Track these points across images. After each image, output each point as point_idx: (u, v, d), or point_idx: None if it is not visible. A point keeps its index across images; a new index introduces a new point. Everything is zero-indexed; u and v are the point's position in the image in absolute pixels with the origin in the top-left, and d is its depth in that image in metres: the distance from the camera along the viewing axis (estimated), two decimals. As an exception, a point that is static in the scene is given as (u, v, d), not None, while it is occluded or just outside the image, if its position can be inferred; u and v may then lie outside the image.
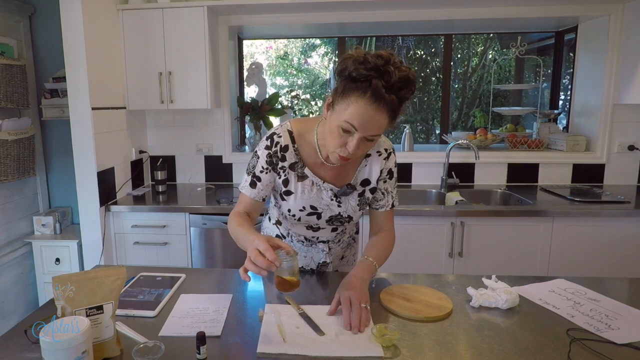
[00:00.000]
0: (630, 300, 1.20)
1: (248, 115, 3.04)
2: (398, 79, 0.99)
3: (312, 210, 1.28)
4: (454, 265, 2.36)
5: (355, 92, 1.01)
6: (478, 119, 3.58)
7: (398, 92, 1.00)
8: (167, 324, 1.08)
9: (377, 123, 1.02)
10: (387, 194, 1.31)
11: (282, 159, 1.24)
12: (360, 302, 1.06)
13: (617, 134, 2.80)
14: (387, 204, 1.32)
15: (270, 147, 1.23)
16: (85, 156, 2.36)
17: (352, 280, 1.14)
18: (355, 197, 1.28)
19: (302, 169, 1.25)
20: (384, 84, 0.99)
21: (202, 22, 2.54)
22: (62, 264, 2.70)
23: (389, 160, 1.29)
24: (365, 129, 1.03)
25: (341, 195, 1.26)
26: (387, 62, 0.99)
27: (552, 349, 0.97)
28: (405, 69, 1.01)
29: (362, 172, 1.28)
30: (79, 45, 2.26)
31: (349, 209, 1.29)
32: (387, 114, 1.02)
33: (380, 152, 1.28)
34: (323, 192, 1.26)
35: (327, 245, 1.39)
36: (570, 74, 3.08)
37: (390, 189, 1.31)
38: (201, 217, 2.44)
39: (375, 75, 0.99)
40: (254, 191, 1.26)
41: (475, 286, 1.23)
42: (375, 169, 1.27)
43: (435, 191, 2.80)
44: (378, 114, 1.01)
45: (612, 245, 2.29)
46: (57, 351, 0.82)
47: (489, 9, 2.69)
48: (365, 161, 1.27)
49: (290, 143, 1.24)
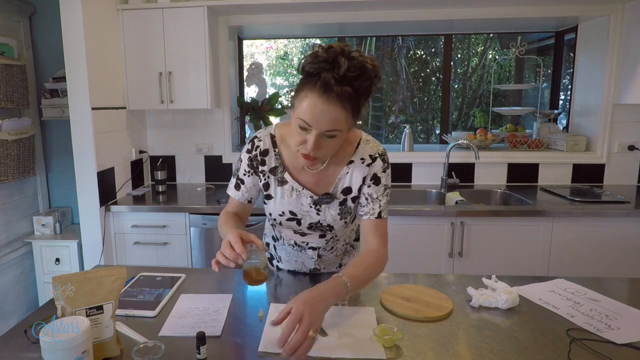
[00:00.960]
0: (630, 300, 1.20)
1: (248, 115, 3.04)
2: (348, 69, 0.94)
3: (292, 215, 1.25)
4: (454, 265, 2.36)
5: (306, 86, 0.99)
6: (478, 119, 3.58)
7: (352, 82, 0.96)
8: (167, 324, 1.08)
9: (330, 117, 0.97)
10: (371, 200, 1.19)
11: (262, 163, 1.23)
12: (310, 327, 0.87)
13: (617, 134, 2.80)
14: (372, 211, 1.18)
15: (250, 150, 1.23)
16: (85, 156, 2.36)
17: (312, 296, 0.93)
18: (335, 205, 1.22)
19: (282, 174, 1.22)
20: (334, 76, 0.95)
21: (202, 22, 2.54)
22: (62, 264, 2.70)
23: (373, 167, 1.19)
24: (318, 123, 0.98)
25: (319, 203, 1.22)
26: (339, 54, 0.95)
27: (552, 349, 0.97)
28: (361, 57, 0.97)
29: (343, 180, 1.21)
30: (79, 45, 2.26)
31: (328, 218, 1.23)
32: (341, 107, 0.97)
33: (364, 159, 1.19)
34: (302, 198, 1.22)
35: (316, 253, 1.34)
36: (570, 74, 3.08)
37: (375, 195, 1.18)
38: (201, 217, 2.44)
39: (326, 68, 0.96)
40: (238, 193, 1.27)
41: (475, 286, 1.23)
42: (357, 177, 1.19)
43: (435, 191, 2.80)
44: (329, 107, 0.96)
45: (612, 245, 2.29)
46: (57, 351, 0.82)
47: (489, 9, 2.69)
48: (347, 168, 1.20)
49: (271, 147, 1.22)
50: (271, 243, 1.44)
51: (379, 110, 5.72)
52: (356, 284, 1.03)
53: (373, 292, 1.26)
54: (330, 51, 0.96)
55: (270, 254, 1.45)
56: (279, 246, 1.41)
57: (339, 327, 1.06)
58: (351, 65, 0.95)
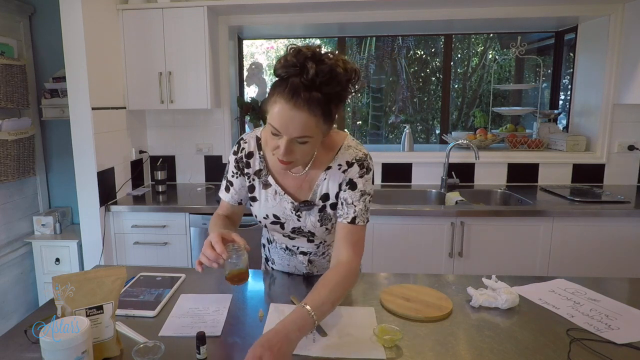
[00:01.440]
0: (630, 300, 1.20)
1: (248, 115, 3.04)
2: (316, 74, 0.91)
3: (275, 219, 1.24)
4: (454, 265, 2.36)
5: (276, 90, 0.96)
6: (478, 119, 3.58)
7: (321, 87, 0.93)
8: (167, 324, 1.08)
9: (298, 123, 0.95)
10: (345, 205, 1.14)
11: (247, 165, 1.22)
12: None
13: (617, 134, 2.80)
14: (346, 215, 1.13)
15: (237, 152, 1.23)
16: (85, 156, 2.36)
17: (271, 336, 0.88)
18: (315, 212, 1.20)
19: (266, 177, 1.21)
20: (302, 81, 0.93)
21: (202, 22, 2.54)
22: (62, 264, 2.70)
23: (349, 172, 1.14)
24: (288, 130, 0.96)
25: (298, 210, 1.20)
26: (308, 58, 0.93)
27: (552, 349, 0.97)
28: (331, 61, 0.94)
29: (321, 187, 1.18)
30: (79, 45, 2.26)
31: (308, 224, 1.21)
32: (309, 113, 0.94)
33: (341, 165, 1.15)
34: (284, 202, 1.21)
35: (306, 258, 1.33)
36: (570, 74, 3.08)
37: (350, 200, 1.14)
38: (201, 217, 2.44)
39: (294, 73, 0.94)
40: (228, 195, 1.27)
41: (475, 286, 1.23)
42: (333, 183, 1.16)
43: (435, 191, 2.80)
44: (297, 113, 0.94)
45: (612, 245, 2.29)
46: (57, 351, 0.82)
47: (489, 9, 2.69)
48: (324, 174, 1.17)
49: (256, 150, 1.21)
50: (266, 245, 1.44)
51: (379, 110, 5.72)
52: (322, 311, 0.97)
53: (373, 292, 1.26)
54: (300, 55, 0.94)
55: (266, 256, 1.45)
56: (272, 249, 1.41)
57: (339, 327, 1.06)
58: (319, 70, 0.92)
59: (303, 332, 0.92)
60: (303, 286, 1.32)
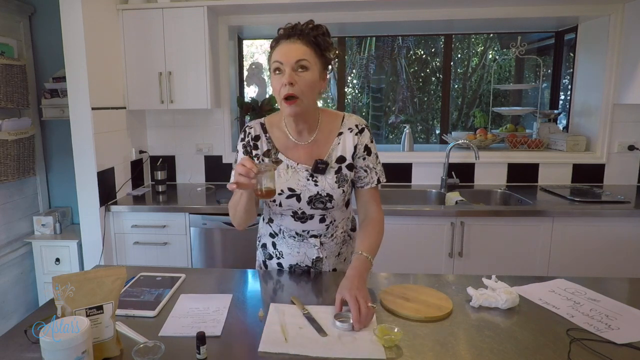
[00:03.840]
0: (630, 300, 1.20)
1: (248, 115, 3.04)
2: (304, 25, 1.19)
3: (291, 192, 1.30)
4: (454, 265, 2.36)
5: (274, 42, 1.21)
6: (478, 119, 3.58)
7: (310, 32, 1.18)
8: (167, 324, 1.08)
9: (297, 50, 1.16)
10: (370, 171, 1.33)
11: (254, 147, 1.33)
12: (367, 301, 1.08)
13: (617, 134, 2.80)
14: (372, 180, 1.34)
15: (244, 138, 1.34)
16: (85, 156, 2.36)
17: (353, 280, 1.14)
18: (332, 174, 1.30)
19: (276, 155, 1.32)
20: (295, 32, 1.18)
21: (202, 22, 2.54)
22: (62, 264, 2.70)
23: (363, 136, 1.32)
24: (288, 57, 1.16)
25: (315, 172, 1.29)
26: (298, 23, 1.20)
27: (552, 349, 0.97)
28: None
29: (335, 150, 1.31)
30: (79, 45, 2.26)
31: (326, 187, 1.30)
32: (305, 44, 1.17)
33: (352, 128, 1.31)
34: (299, 173, 1.30)
35: (318, 240, 1.38)
36: (570, 74, 3.08)
37: (372, 165, 1.33)
38: (201, 217, 2.44)
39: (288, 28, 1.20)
40: None
41: (475, 286, 1.23)
42: (349, 145, 1.31)
43: (435, 191, 2.80)
44: (294, 44, 1.17)
45: (612, 245, 2.29)
46: (57, 351, 0.82)
47: (489, 9, 2.69)
48: (337, 139, 1.31)
49: (262, 132, 1.34)
50: (269, 242, 1.45)
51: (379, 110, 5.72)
52: (374, 254, 1.26)
53: (373, 292, 1.26)
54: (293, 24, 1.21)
55: (270, 253, 1.45)
56: (279, 241, 1.41)
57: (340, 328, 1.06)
58: (306, 24, 1.20)
59: (367, 271, 1.22)
60: (303, 286, 1.32)
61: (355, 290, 1.10)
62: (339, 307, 1.11)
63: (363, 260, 1.22)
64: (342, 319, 1.06)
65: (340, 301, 1.11)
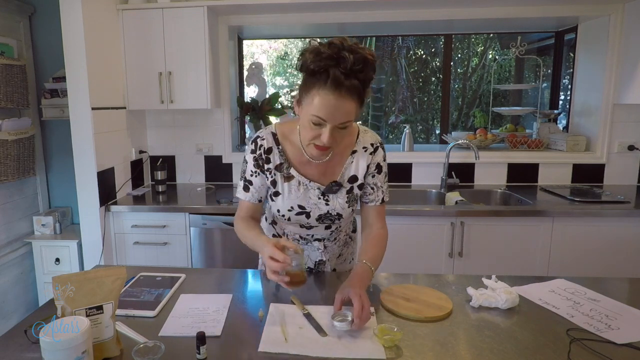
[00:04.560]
0: (630, 300, 1.20)
1: (248, 115, 3.04)
2: (354, 62, 1.00)
3: (301, 209, 1.28)
4: (454, 265, 2.36)
5: (316, 84, 1.04)
6: (478, 119, 3.58)
7: (358, 75, 1.02)
8: (167, 324, 1.08)
9: (344, 110, 1.04)
10: (376, 189, 1.30)
11: (266, 161, 1.26)
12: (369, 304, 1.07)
13: (617, 134, 2.80)
14: (377, 198, 1.31)
15: (255, 150, 1.26)
16: (85, 156, 2.36)
17: (356, 282, 1.13)
18: (343, 194, 1.28)
19: (288, 170, 1.26)
20: (342, 71, 1.00)
21: (202, 22, 2.54)
22: (62, 264, 2.69)
23: (376, 155, 1.28)
24: (334, 118, 1.05)
25: (328, 192, 1.27)
26: (341, 49, 1.00)
27: (552, 349, 0.97)
28: (361, 49, 1.01)
29: (349, 169, 1.27)
30: (79, 45, 2.26)
31: (337, 207, 1.28)
32: (352, 99, 1.04)
33: (367, 148, 1.28)
34: (310, 190, 1.27)
35: (322, 244, 1.39)
36: (570, 74, 3.08)
37: (379, 183, 1.30)
38: (201, 217, 2.44)
39: (332, 64, 1.01)
40: (248, 194, 1.30)
41: (475, 286, 1.23)
42: (362, 165, 1.28)
43: (435, 191, 2.80)
44: (342, 101, 1.02)
45: (612, 245, 2.29)
46: (57, 351, 0.82)
47: (489, 9, 2.69)
48: (351, 157, 1.27)
49: (274, 145, 1.26)
50: None
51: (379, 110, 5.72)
52: (376, 265, 1.24)
53: (373, 292, 1.26)
54: (333, 47, 1.01)
55: None
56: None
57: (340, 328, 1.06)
58: (356, 59, 1.00)
59: (369, 280, 1.20)
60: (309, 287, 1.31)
61: (359, 289, 1.09)
62: (339, 307, 1.09)
63: (366, 268, 1.19)
64: (341, 319, 1.05)
65: (340, 301, 1.10)
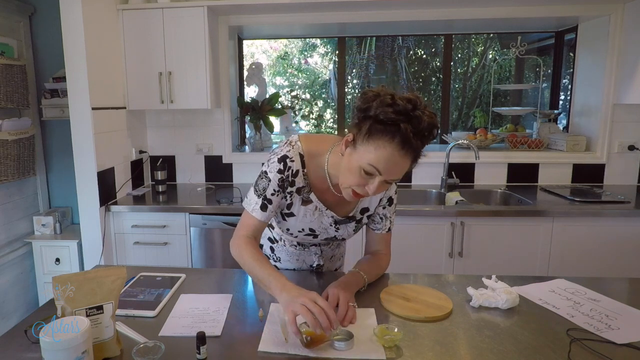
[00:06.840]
0: (630, 300, 1.20)
1: (248, 115, 3.05)
2: (427, 126, 0.97)
3: (310, 232, 1.29)
4: (454, 265, 2.36)
5: (383, 135, 0.97)
6: (478, 119, 3.59)
7: (424, 138, 0.99)
8: (167, 324, 1.08)
9: (402, 168, 1.01)
10: (385, 219, 1.31)
11: (291, 184, 1.21)
12: (348, 301, 1.08)
13: (617, 134, 2.80)
14: (384, 227, 1.32)
15: (283, 171, 1.18)
16: (85, 156, 2.36)
17: (341, 282, 1.16)
18: (352, 223, 1.30)
19: (308, 194, 1.22)
20: (412, 130, 0.96)
21: (202, 22, 2.54)
22: (62, 264, 2.70)
23: (390, 189, 1.28)
24: (390, 173, 1.01)
25: (341, 224, 1.28)
26: (415, 107, 0.97)
27: (552, 349, 0.97)
28: (431, 114, 0.99)
29: (362, 202, 1.28)
30: (79, 45, 2.26)
31: (344, 234, 1.31)
32: (412, 160, 1.01)
33: None
34: (324, 217, 1.26)
35: (319, 249, 1.40)
36: (570, 74, 3.08)
37: (388, 214, 1.31)
38: (201, 217, 2.44)
39: (404, 120, 0.96)
40: (264, 214, 1.20)
41: (475, 286, 1.23)
42: (375, 199, 1.28)
43: (435, 191, 2.80)
44: (404, 159, 0.99)
45: (612, 245, 2.29)
46: (57, 351, 0.82)
47: (489, 9, 2.69)
48: None
49: (301, 168, 1.20)
50: (267, 245, 1.45)
51: (379, 110, 5.70)
52: (370, 278, 1.25)
53: (373, 292, 1.26)
54: (409, 102, 0.97)
55: (268, 255, 1.45)
56: (278, 248, 1.41)
57: (338, 327, 1.06)
58: (429, 123, 0.97)
59: (357, 287, 1.21)
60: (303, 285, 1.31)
61: (340, 289, 1.10)
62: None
63: (359, 276, 1.22)
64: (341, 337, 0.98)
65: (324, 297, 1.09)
